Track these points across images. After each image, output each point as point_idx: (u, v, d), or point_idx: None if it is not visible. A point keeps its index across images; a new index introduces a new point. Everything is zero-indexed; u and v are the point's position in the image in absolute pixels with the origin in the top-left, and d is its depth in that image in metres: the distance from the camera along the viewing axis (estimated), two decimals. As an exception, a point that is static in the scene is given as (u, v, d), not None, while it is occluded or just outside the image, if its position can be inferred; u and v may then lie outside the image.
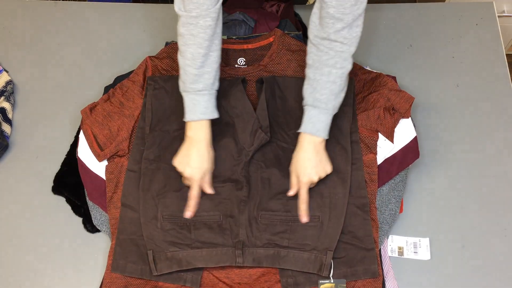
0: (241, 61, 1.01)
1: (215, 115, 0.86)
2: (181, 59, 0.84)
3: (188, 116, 0.85)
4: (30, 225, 0.95)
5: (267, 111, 0.92)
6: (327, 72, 0.80)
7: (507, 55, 1.12)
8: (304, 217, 0.84)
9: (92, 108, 0.97)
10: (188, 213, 0.86)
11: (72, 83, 1.13)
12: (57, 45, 1.19)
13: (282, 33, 1.01)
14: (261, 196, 0.88)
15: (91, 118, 0.95)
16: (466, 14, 1.17)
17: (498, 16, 1.17)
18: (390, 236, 0.90)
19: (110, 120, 0.95)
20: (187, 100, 0.86)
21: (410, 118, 0.93)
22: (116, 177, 0.92)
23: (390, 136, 0.92)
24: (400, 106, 0.92)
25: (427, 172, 0.96)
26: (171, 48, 1.02)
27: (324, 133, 0.83)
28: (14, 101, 1.10)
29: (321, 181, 0.86)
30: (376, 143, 0.92)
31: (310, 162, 0.83)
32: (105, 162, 0.94)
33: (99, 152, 0.93)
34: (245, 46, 1.02)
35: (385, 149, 0.92)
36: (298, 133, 0.85)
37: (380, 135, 0.92)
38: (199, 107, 0.85)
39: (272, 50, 1.00)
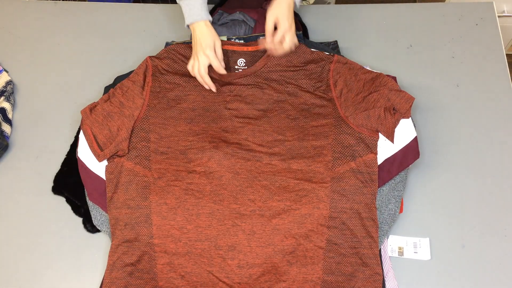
0: (241, 62, 1.02)
1: (210, 18, 0.99)
2: None
3: (187, 20, 0.99)
4: (30, 225, 0.95)
5: None
6: None
7: (507, 55, 1.12)
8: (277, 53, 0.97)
9: (92, 108, 0.97)
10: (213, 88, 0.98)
11: (72, 83, 1.13)
12: (57, 45, 1.19)
13: None
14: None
15: (91, 118, 0.95)
16: (466, 14, 1.17)
17: (498, 16, 1.17)
18: (390, 236, 0.90)
19: (110, 120, 0.95)
20: (184, 6, 0.98)
21: (410, 118, 0.93)
22: (116, 177, 0.92)
23: (390, 136, 0.92)
24: (400, 107, 0.93)
25: (427, 172, 0.96)
26: (171, 49, 1.02)
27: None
28: (14, 101, 1.10)
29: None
30: (377, 143, 0.92)
31: (289, 13, 0.95)
32: (105, 162, 0.94)
33: (99, 152, 0.93)
34: (245, 49, 1.02)
35: (385, 149, 0.92)
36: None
37: (380, 135, 0.92)
38: (195, 10, 0.97)
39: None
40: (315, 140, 0.94)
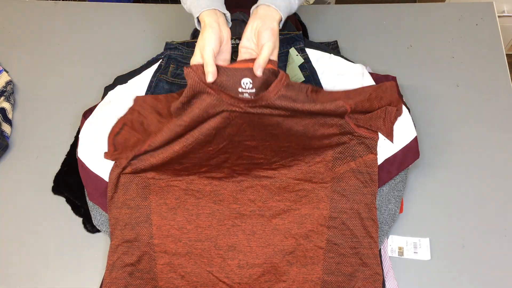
0: (247, 83, 0.81)
1: (223, 9, 0.86)
2: None
3: (195, 12, 0.84)
4: (30, 225, 0.95)
5: None
6: None
7: (507, 55, 1.12)
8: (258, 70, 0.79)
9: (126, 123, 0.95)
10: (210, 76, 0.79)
11: (72, 83, 1.13)
12: (57, 45, 1.19)
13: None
14: None
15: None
16: (466, 14, 1.17)
17: (498, 16, 1.17)
18: (390, 236, 0.90)
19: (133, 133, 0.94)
20: (189, 2, 0.86)
21: (410, 117, 0.93)
22: (116, 177, 0.92)
23: (390, 136, 0.92)
24: (391, 100, 0.91)
25: (427, 172, 0.96)
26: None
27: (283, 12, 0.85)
28: (14, 101, 1.10)
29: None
30: (377, 143, 0.92)
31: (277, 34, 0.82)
32: (105, 163, 0.93)
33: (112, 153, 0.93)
34: (250, 65, 0.80)
35: (385, 149, 0.92)
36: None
37: (380, 135, 0.92)
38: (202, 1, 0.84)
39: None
40: (315, 140, 0.94)
